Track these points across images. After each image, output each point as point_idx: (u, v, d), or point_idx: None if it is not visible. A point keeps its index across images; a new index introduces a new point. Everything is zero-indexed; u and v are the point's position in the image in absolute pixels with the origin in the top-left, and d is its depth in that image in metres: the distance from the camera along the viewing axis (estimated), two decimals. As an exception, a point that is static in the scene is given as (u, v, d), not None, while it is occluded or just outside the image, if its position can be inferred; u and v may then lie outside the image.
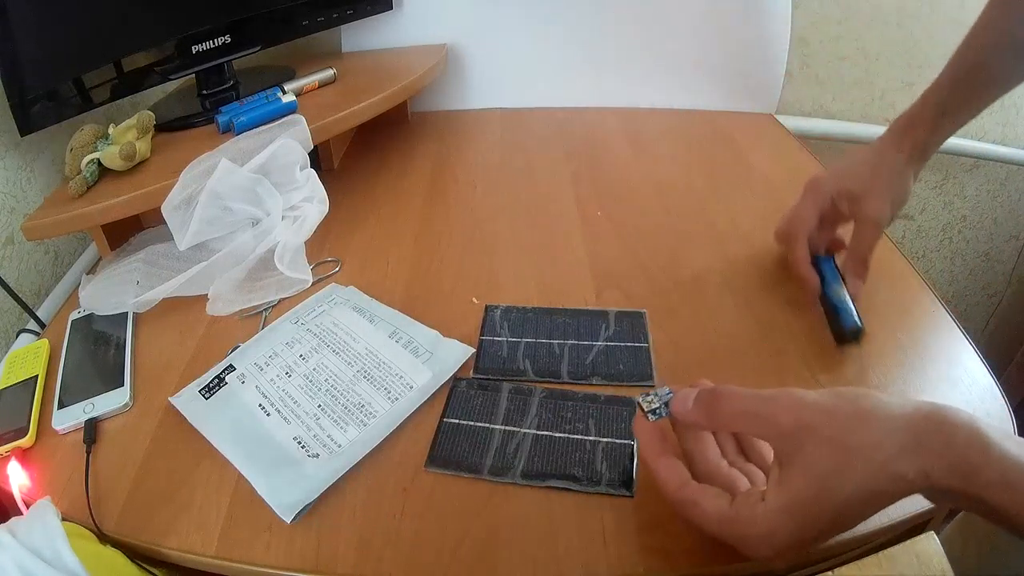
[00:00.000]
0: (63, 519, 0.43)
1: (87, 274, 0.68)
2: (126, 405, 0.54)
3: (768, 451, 0.38)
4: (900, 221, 1.20)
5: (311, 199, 0.71)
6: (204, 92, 0.83)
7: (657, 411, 0.39)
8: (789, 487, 0.33)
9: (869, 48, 1.01)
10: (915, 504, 0.41)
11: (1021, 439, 0.31)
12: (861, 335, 0.53)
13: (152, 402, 0.54)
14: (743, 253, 0.66)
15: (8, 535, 0.40)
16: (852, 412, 0.33)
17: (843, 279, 0.56)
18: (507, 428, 0.49)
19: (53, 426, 0.52)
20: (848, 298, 0.54)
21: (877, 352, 0.52)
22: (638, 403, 0.39)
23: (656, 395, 0.39)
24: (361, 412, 0.50)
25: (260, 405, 0.52)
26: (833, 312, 0.54)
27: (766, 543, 0.34)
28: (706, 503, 0.36)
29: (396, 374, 0.53)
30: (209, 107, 0.80)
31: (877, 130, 0.61)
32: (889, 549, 0.38)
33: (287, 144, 0.68)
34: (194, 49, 0.77)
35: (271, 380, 0.54)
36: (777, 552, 0.34)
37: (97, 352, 0.59)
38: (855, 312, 0.53)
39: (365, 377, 0.53)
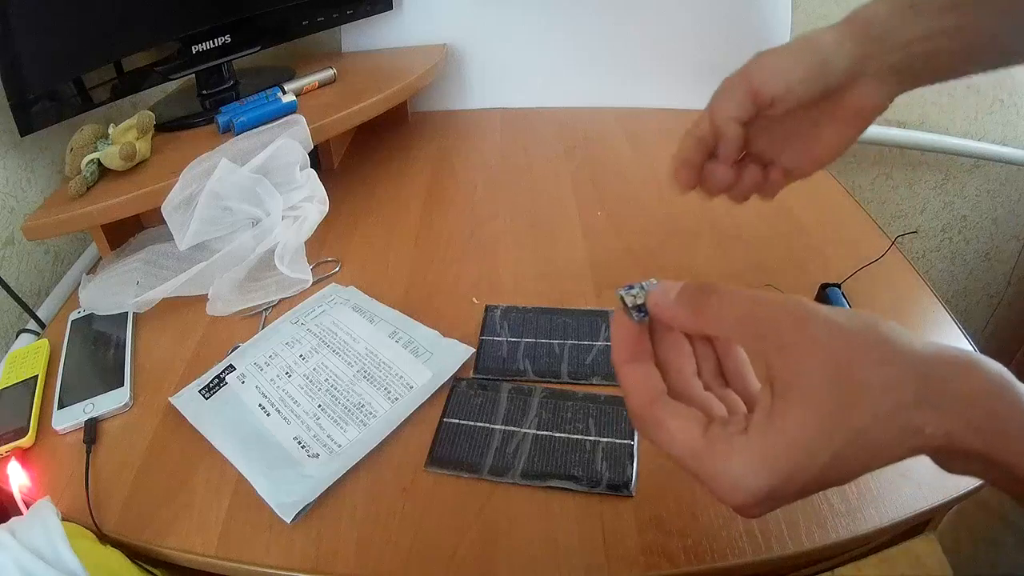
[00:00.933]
0: (63, 519, 0.43)
1: (87, 274, 0.68)
2: (126, 405, 0.54)
3: (754, 380, 0.32)
4: (900, 224, 1.20)
5: (311, 199, 0.71)
6: (204, 92, 0.83)
7: (643, 308, 0.31)
8: (781, 421, 0.26)
9: (869, 48, 1.00)
10: (915, 504, 0.41)
11: None
12: None
13: (152, 402, 0.54)
14: (743, 253, 0.66)
15: (8, 535, 0.40)
16: (868, 339, 0.26)
17: (849, 305, 0.55)
18: (507, 428, 0.49)
19: (53, 426, 0.52)
20: None
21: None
22: (620, 296, 0.31)
23: (643, 288, 0.31)
24: (361, 412, 0.50)
25: (260, 405, 0.52)
26: None
27: (740, 489, 0.26)
28: (674, 425, 0.29)
29: (396, 374, 0.53)
30: (209, 107, 0.80)
31: (877, 130, 0.60)
32: (888, 549, 0.38)
33: (287, 144, 0.68)
34: (194, 49, 0.77)
35: (271, 380, 0.54)
36: (750, 502, 0.27)
37: (97, 352, 0.59)
38: None
39: (365, 377, 0.53)
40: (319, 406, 0.51)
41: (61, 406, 0.53)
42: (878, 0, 0.40)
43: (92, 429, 0.51)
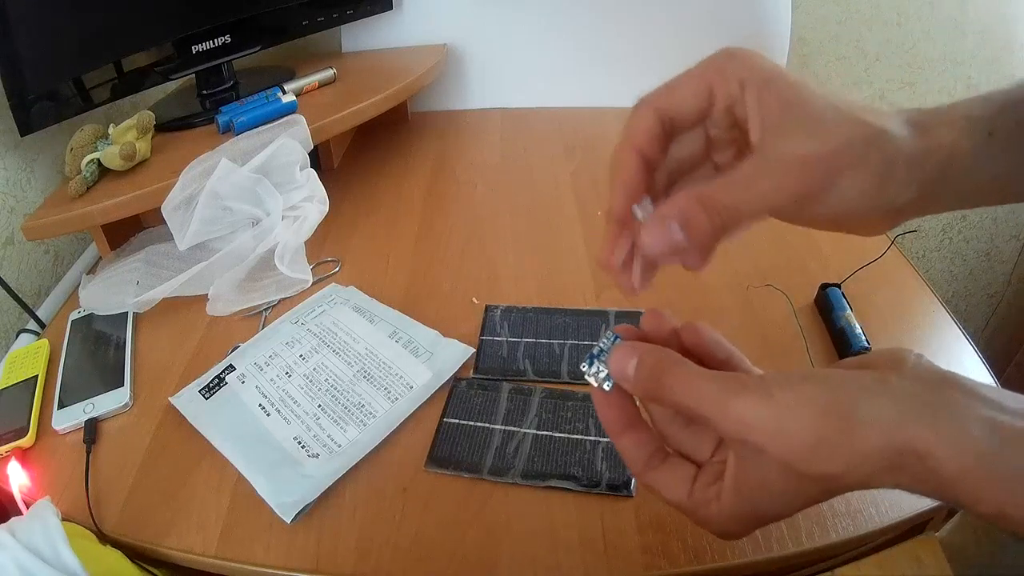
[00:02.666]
0: (63, 519, 0.43)
1: (87, 274, 0.68)
2: (126, 405, 0.54)
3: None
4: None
5: (311, 199, 0.71)
6: (204, 92, 0.83)
7: (610, 378, 0.32)
8: (741, 493, 0.29)
9: (868, 48, 1.01)
10: (915, 504, 0.41)
11: None
12: None
13: (152, 402, 0.54)
14: (743, 253, 0.66)
15: (8, 535, 0.40)
16: (814, 438, 0.26)
17: (849, 305, 0.56)
18: (507, 428, 0.49)
19: (53, 426, 0.52)
20: (855, 323, 0.54)
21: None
22: (583, 370, 0.32)
23: (600, 361, 0.32)
24: (361, 412, 0.50)
25: (260, 405, 0.52)
26: (840, 336, 0.54)
27: (723, 535, 0.32)
28: (666, 493, 0.32)
29: (396, 374, 0.53)
30: (209, 107, 0.80)
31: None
32: (889, 549, 0.38)
33: (287, 144, 0.68)
34: (194, 49, 0.77)
35: (271, 380, 0.54)
36: (735, 538, 0.32)
37: (97, 352, 0.59)
38: (863, 336, 0.53)
39: (365, 377, 0.53)
40: (319, 406, 0.51)
41: (61, 406, 0.53)
42: (957, 128, 0.30)
43: (92, 429, 0.51)
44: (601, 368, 0.32)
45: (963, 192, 0.31)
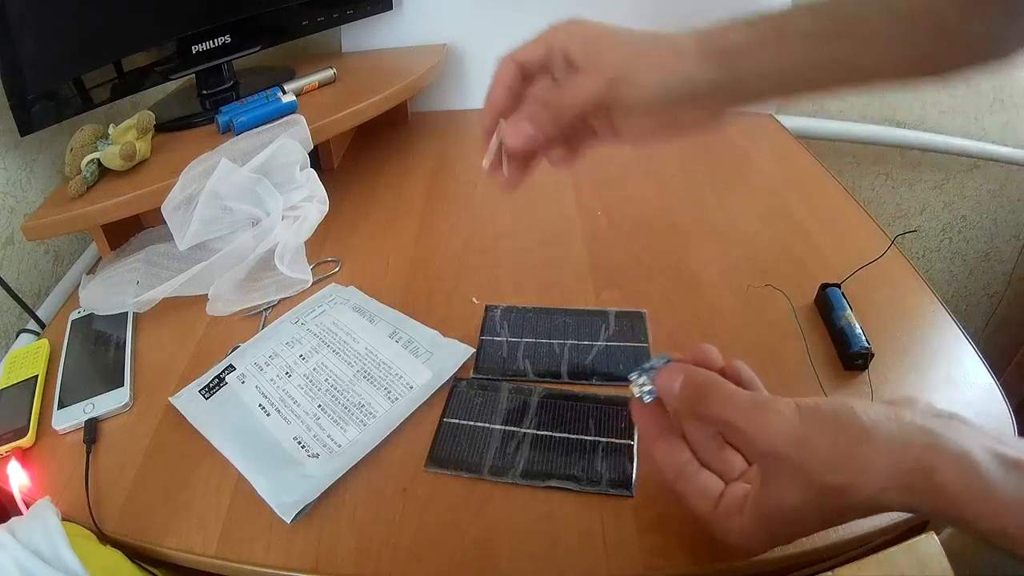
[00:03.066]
0: (63, 519, 0.43)
1: (87, 274, 0.68)
2: (126, 405, 0.54)
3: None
4: (900, 224, 1.20)
5: (311, 199, 0.71)
6: (204, 92, 0.83)
7: (652, 391, 0.38)
8: (763, 508, 0.33)
9: (869, 48, 1.00)
10: (915, 504, 0.41)
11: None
12: (870, 358, 0.52)
13: (152, 402, 0.54)
14: (743, 253, 0.66)
15: (8, 535, 0.40)
16: (830, 449, 0.31)
17: (849, 305, 0.56)
18: (507, 428, 0.49)
19: (53, 426, 0.52)
20: (855, 323, 0.54)
21: (877, 353, 0.52)
22: (630, 381, 0.39)
23: (647, 374, 0.38)
24: (361, 412, 0.50)
25: (260, 405, 0.52)
26: (840, 336, 0.54)
27: (743, 548, 0.36)
28: (692, 502, 0.37)
29: (396, 374, 0.53)
30: (209, 107, 0.80)
31: (877, 130, 0.60)
32: (889, 549, 0.38)
33: (287, 144, 0.68)
34: (194, 49, 0.77)
35: (271, 380, 0.54)
36: (753, 553, 0.37)
37: (97, 352, 0.59)
38: (863, 336, 0.52)
39: (365, 377, 0.53)
40: (319, 406, 0.51)
41: (61, 406, 0.53)
42: (734, 27, 0.37)
43: (92, 429, 0.51)
44: (647, 382, 0.38)
45: (760, 79, 0.36)
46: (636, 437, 0.47)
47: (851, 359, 0.52)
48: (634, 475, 0.45)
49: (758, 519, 0.34)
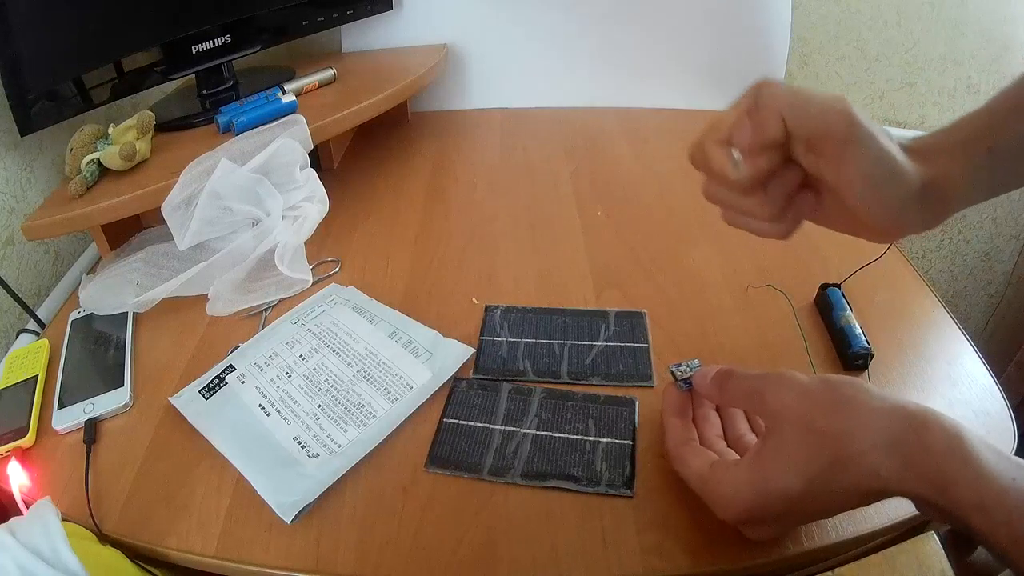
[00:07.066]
0: (63, 519, 0.43)
1: (87, 274, 0.68)
2: (126, 405, 0.54)
3: (752, 439, 0.43)
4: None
5: (311, 199, 0.71)
6: (204, 92, 0.83)
7: (689, 380, 0.44)
8: (759, 459, 0.35)
9: (869, 48, 1.01)
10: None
11: (1012, 458, 0.30)
12: (870, 358, 0.52)
13: (152, 402, 0.54)
14: (743, 253, 0.66)
15: (8, 535, 0.40)
16: (831, 399, 0.34)
17: (849, 306, 0.56)
18: (507, 428, 0.49)
19: (53, 426, 0.52)
20: (855, 323, 0.54)
21: (877, 353, 0.52)
22: (671, 371, 0.44)
23: (688, 366, 0.44)
24: (361, 412, 0.50)
25: (260, 405, 0.52)
26: (840, 336, 0.53)
27: (729, 506, 0.36)
28: (691, 461, 0.40)
29: (396, 374, 0.53)
30: (209, 107, 0.80)
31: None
32: (889, 549, 0.38)
33: (287, 144, 0.68)
34: (194, 49, 0.77)
35: (271, 380, 0.54)
36: (737, 517, 0.37)
37: (97, 352, 0.59)
38: (863, 336, 0.52)
39: (365, 377, 0.53)
40: (319, 406, 0.51)
41: (61, 406, 0.53)
42: (953, 156, 0.36)
43: (92, 429, 0.51)
44: (687, 371, 0.44)
45: (962, 204, 0.37)
46: (636, 437, 0.47)
47: (851, 359, 0.52)
48: (634, 475, 0.45)
49: (750, 468, 0.35)
